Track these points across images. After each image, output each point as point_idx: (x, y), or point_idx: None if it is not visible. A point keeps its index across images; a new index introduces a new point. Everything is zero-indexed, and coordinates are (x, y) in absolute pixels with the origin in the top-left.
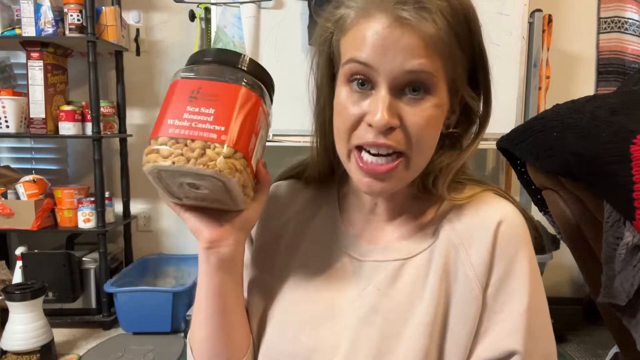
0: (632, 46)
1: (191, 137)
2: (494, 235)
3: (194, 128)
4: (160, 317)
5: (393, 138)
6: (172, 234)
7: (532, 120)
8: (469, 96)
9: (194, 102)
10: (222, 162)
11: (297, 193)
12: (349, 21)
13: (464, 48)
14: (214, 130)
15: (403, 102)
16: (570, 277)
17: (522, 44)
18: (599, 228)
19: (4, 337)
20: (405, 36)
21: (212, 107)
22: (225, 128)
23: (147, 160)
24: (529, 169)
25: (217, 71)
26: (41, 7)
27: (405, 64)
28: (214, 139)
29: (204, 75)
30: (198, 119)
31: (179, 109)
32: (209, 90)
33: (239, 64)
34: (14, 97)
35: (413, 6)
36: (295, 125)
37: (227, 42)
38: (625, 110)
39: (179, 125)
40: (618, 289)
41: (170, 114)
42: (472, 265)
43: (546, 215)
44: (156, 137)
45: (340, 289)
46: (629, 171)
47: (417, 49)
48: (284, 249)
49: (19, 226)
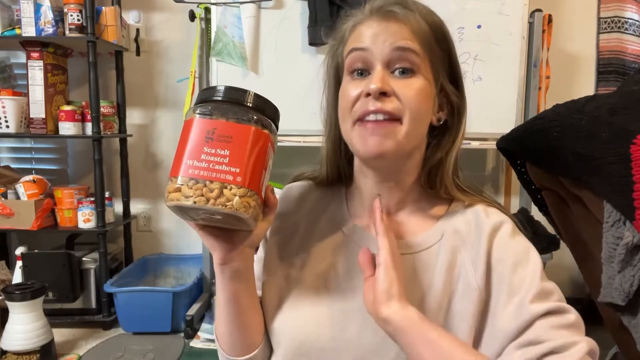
0: (632, 46)
1: (209, 179)
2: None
3: (212, 169)
4: (160, 317)
5: (388, 104)
6: (172, 234)
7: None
8: (449, 90)
9: (210, 143)
10: (238, 202)
11: (307, 194)
12: (348, 31)
13: (442, 48)
14: (229, 172)
15: (395, 78)
16: (570, 277)
17: (522, 44)
18: (599, 228)
19: (4, 337)
20: (392, 24)
21: (227, 148)
22: (240, 170)
23: (170, 198)
24: (529, 169)
25: (229, 111)
26: (41, 7)
27: (394, 43)
28: (230, 181)
29: (218, 116)
30: (215, 160)
31: (196, 149)
32: (223, 132)
33: (246, 102)
34: (14, 97)
35: (399, 6)
36: (295, 125)
37: (227, 42)
38: (625, 110)
39: (198, 167)
40: (618, 289)
41: (189, 155)
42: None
43: (546, 215)
44: (177, 177)
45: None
46: (629, 171)
47: (403, 32)
48: (297, 245)
49: (19, 226)
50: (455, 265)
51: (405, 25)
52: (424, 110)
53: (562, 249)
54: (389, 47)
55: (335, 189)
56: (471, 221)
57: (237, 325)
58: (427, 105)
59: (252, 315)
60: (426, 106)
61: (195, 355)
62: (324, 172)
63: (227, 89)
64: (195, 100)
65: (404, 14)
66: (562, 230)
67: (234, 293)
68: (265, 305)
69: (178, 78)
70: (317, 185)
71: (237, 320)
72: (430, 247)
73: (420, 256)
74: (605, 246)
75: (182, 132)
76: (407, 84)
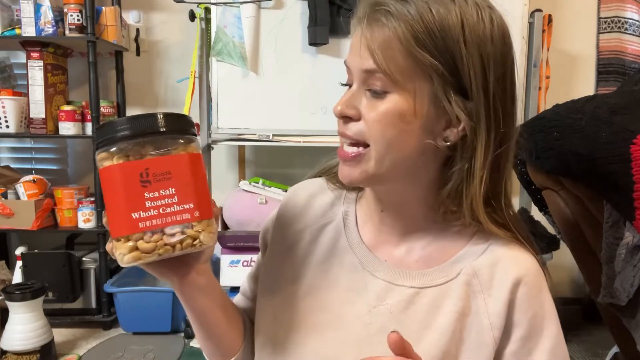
0: (632, 46)
1: (165, 225)
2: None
3: (164, 214)
4: (160, 317)
5: (351, 129)
6: None
7: (532, 120)
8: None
9: (149, 186)
10: (205, 237)
11: (316, 197)
12: None
13: (434, 55)
14: (184, 210)
15: (366, 97)
16: (570, 277)
17: (522, 44)
18: (599, 228)
19: (4, 337)
20: (366, 39)
21: (170, 187)
22: (194, 203)
23: (128, 260)
24: (529, 169)
25: (150, 144)
26: (41, 7)
27: (362, 64)
28: (189, 219)
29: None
30: (163, 204)
31: (136, 198)
32: (158, 170)
33: (161, 127)
34: (14, 97)
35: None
36: (295, 125)
37: (227, 42)
38: (625, 110)
39: (147, 217)
40: (618, 289)
41: (130, 207)
42: (488, 314)
43: (546, 215)
44: (125, 235)
45: (349, 300)
46: (629, 171)
47: (373, 51)
48: (299, 255)
49: (19, 226)
50: (469, 312)
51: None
52: (394, 134)
53: (562, 249)
54: (359, 68)
55: (348, 192)
56: (494, 264)
57: (210, 337)
58: (400, 130)
59: (225, 327)
60: (399, 130)
61: (195, 355)
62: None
63: (131, 121)
64: (98, 142)
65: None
66: (562, 230)
67: (201, 310)
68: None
69: (178, 78)
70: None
71: (210, 334)
72: (442, 284)
73: (429, 292)
74: (605, 246)
75: (103, 184)
76: (372, 107)
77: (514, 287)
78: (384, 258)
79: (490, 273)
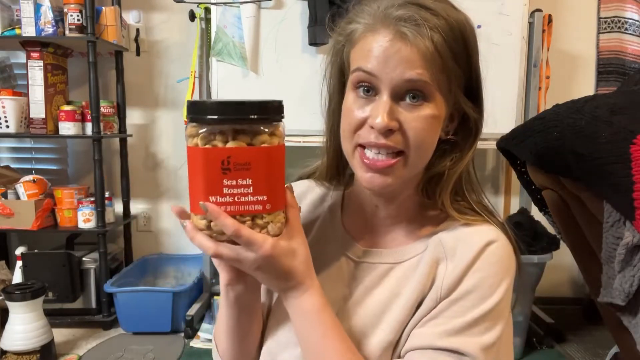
0: (632, 46)
1: (238, 213)
2: (476, 255)
3: (238, 203)
4: (160, 317)
5: (393, 139)
6: (172, 234)
7: (532, 120)
8: (465, 105)
9: (229, 174)
10: (273, 228)
11: (305, 194)
12: (358, 35)
13: (459, 62)
14: (257, 202)
15: (402, 108)
16: (570, 277)
17: (522, 44)
18: (599, 228)
19: (4, 337)
20: (404, 49)
21: (248, 177)
22: (267, 196)
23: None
24: (529, 169)
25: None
26: (41, 7)
27: (404, 74)
28: (260, 210)
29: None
30: (239, 192)
31: (215, 184)
32: (239, 159)
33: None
34: (14, 97)
35: (412, 23)
36: (295, 125)
37: (227, 42)
38: (625, 110)
39: (223, 202)
40: (618, 289)
41: (209, 190)
42: (444, 277)
43: (546, 215)
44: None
45: (335, 288)
46: (629, 171)
47: (415, 61)
48: None
49: (19, 226)
50: (432, 275)
51: (418, 50)
52: (431, 141)
53: (562, 249)
54: (399, 77)
55: (334, 189)
56: (461, 237)
57: (236, 343)
58: (435, 133)
59: (252, 337)
60: (434, 134)
61: (195, 355)
62: (324, 169)
63: (222, 106)
64: (190, 118)
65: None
66: (562, 230)
67: (236, 317)
68: None
69: (178, 78)
70: (316, 181)
71: (236, 339)
72: (412, 258)
73: (401, 267)
74: (605, 246)
75: (189, 161)
76: (415, 116)
77: (476, 255)
78: (369, 247)
79: (454, 242)
